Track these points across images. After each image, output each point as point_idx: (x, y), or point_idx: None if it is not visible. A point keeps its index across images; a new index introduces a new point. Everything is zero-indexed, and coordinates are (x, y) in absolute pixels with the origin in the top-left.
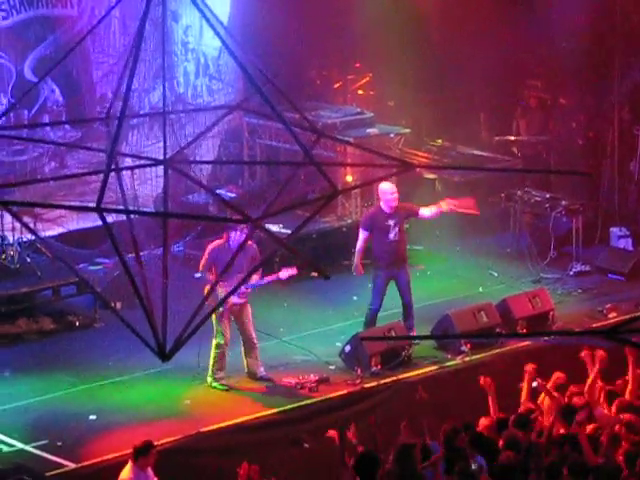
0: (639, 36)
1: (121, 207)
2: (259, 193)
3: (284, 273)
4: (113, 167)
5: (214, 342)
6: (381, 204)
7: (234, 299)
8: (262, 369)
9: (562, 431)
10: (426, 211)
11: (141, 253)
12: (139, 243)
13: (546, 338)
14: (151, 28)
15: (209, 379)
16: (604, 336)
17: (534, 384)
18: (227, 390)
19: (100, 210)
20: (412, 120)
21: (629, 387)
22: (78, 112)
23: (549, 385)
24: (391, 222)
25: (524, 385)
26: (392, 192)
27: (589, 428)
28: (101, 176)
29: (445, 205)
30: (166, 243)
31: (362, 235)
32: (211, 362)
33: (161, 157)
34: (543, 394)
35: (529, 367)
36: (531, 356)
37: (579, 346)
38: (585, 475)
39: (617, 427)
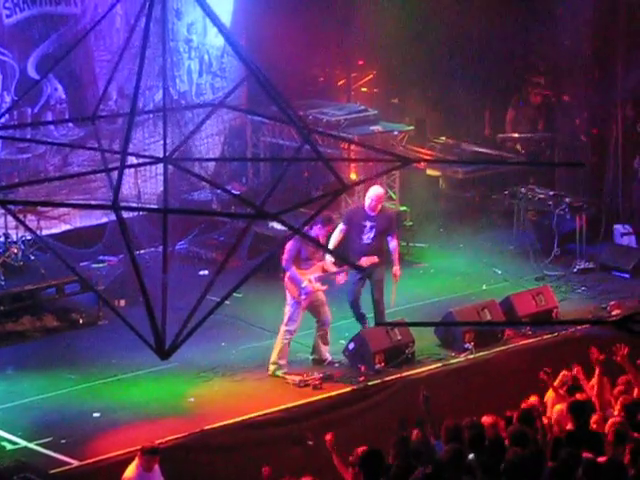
0: None
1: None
2: (263, 190)
3: (365, 261)
4: (112, 166)
5: (284, 329)
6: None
7: (321, 286)
8: (330, 355)
9: (570, 427)
10: (393, 244)
11: (145, 251)
12: (143, 241)
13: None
14: (153, 26)
15: (271, 367)
16: (615, 326)
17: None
18: (284, 379)
19: (116, 208)
20: (416, 118)
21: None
22: (81, 109)
23: (557, 383)
24: (367, 224)
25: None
26: (371, 197)
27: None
28: (104, 175)
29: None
30: (165, 240)
31: (339, 227)
32: (277, 349)
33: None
34: (550, 391)
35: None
36: (535, 353)
37: (584, 342)
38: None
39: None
